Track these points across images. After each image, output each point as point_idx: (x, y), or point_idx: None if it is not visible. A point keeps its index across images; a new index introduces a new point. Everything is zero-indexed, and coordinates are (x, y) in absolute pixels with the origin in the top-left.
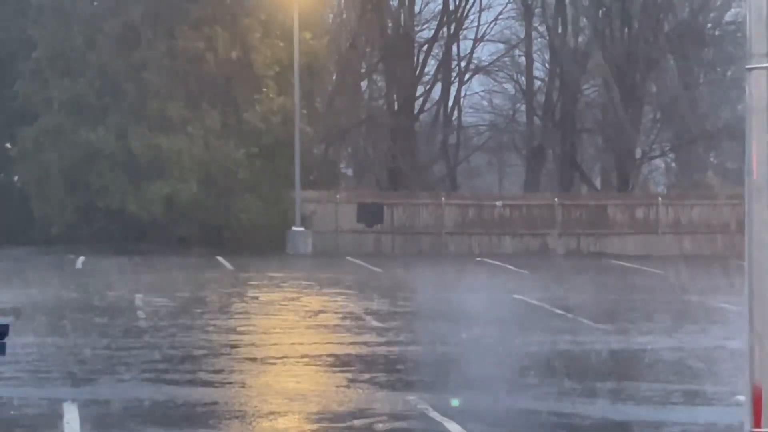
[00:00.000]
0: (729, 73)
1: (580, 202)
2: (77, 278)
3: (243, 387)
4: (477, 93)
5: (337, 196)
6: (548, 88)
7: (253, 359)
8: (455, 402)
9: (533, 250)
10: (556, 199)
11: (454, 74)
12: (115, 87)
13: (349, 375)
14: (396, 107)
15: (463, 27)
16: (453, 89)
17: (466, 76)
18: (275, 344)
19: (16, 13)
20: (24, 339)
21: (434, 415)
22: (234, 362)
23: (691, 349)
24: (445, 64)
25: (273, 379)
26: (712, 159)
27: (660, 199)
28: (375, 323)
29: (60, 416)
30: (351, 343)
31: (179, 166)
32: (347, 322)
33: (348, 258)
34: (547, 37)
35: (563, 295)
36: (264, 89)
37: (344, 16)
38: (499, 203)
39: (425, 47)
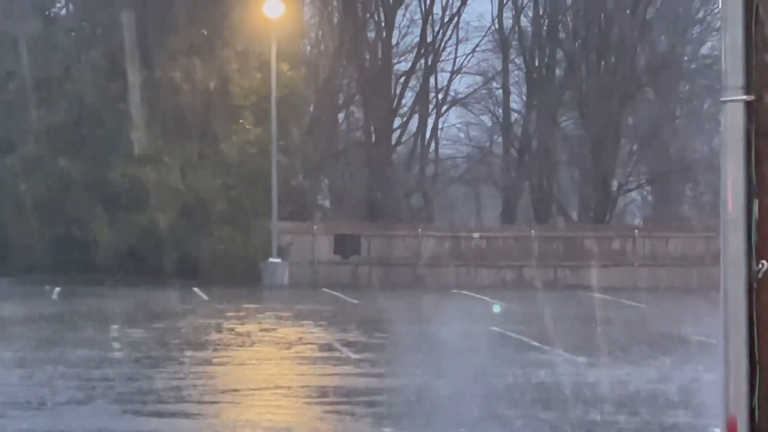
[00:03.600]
0: (705, 106)
1: (556, 234)
2: (53, 309)
3: (218, 419)
4: (454, 125)
5: (314, 227)
6: (525, 121)
7: (228, 390)
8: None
9: (510, 282)
10: (532, 231)
11: (431, 106)
12: (92, 117)
13: (325, 407)
14: (373, 139)
15: (441, 59)
16: (430, 121)
17: (443, 108)
18: (251, 375)
19: None
20: None
21: None
22: (209, 394)
23: (667, 381)
24: (422, 96)
25: (248, 410)
26: (688, 192)
27: (636, 231)
28: (351, 355)
29: None
30: (327, 375)
31: (156, 197)
32: (323, 354)
33: (324, 289)
34: (524, 70)
35: (540, 327)
36: (241, 120)
37: (322, 47)
38: (476, 235)
39: (402, 79)
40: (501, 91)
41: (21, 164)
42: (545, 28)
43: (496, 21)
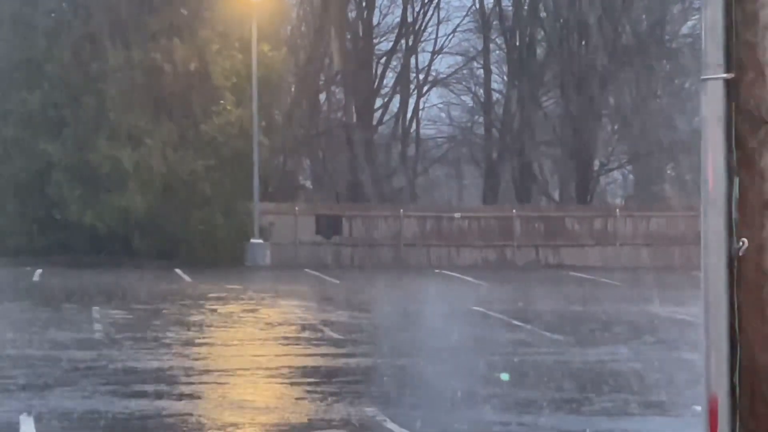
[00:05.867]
0: (686, 85)
1: (538, 214)
2: (34, 291)
3: (201, 399)
4: (435, 105)
5: (296, 207)
6: (506, 101)
7: (211, 371)
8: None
9: (492, 262)
10: (514, 211)
11: (412, 86)
12: (73, 99)
13: (307, 387)
14: (354, 119)
15: (421, 39)
16: (411, 101)
17: (425, 89)
18: (233, 356)
19: None
20: None
21: (392, 426)
22: (192, 374)
23: (648, 359)
24: (403, 77)
25: (231, 390)
26: (669, 171)
27: (618, 210)
28: (333, 335)
29: (16, 429)
30: (309, 355)
31: (137, 178)
32: (305, 334)
33: (306, 270)
34: (505, 50)
35: (522, 306)
36: (222, 101)
37: (303, 28)
38: (457, 215)
39: (383, 59)
40: (482, 71)
41: (1, 146)
42: (526, 7)
43: (476, 1)
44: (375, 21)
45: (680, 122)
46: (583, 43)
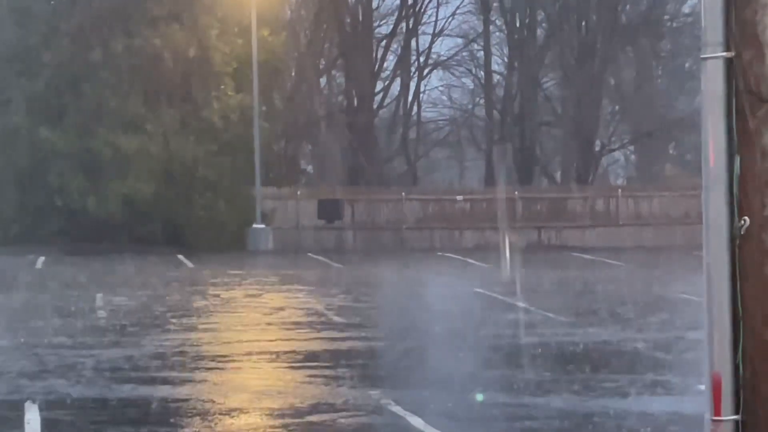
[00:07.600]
0: (687, 64)
1: (540, 196)
2: (37, 278)
3: (205, 384)
4: (436, 88)
5: (298, 192)
6: (507, 82)
7: (215, 356)
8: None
9: (494, 244)
10: (516, 193)
11: (413, 69)
12: (73, 86)
13: (312, 371)
14: (355, 103)
15: (422, 22)
16: (412, 84)
17: (425, 71)
18: (237, 341)
19: None
20: None
21: (397, 409)
22: (196, 360)
23: (652, 339)
24: (403, 60)
25: (235, 375)
26: (670, 150)
27: (619, 191)
28: (337, 319)
29: (21, 415)
30: (313, 339)
31: (138, 165)
32: (309, 318)
33: (309, 254)
34: (505, 31)
35: (524, 288)
36: (222, 86)
37: (302, 12)
38: (459, 197)
39: (384, 42)
40: (482, 52)
41: (1, 134)
42: None
43: None
44: (374, 4)
45: (681, 102)
46: (584, 23)
